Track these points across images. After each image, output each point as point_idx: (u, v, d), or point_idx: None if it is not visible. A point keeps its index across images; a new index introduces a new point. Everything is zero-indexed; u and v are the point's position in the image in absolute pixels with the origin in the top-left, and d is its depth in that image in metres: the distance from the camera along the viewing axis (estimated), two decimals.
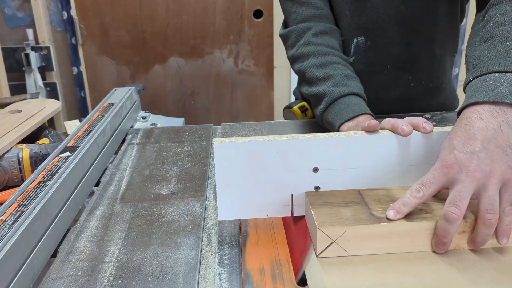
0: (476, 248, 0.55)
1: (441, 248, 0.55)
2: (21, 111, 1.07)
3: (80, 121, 1.14)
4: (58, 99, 2.27)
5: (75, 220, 0.72)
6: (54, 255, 0.64)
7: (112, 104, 1.10)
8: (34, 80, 2.38)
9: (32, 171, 0.87)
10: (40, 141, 1.01)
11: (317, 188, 0.64)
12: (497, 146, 0.54)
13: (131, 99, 1.21)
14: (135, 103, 1.23)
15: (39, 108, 1.09)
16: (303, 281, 0.55)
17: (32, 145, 0.94)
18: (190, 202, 0.74)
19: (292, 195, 0.64)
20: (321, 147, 0.62)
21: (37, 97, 1.25)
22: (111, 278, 0.56)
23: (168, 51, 2.64)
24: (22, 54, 2.35)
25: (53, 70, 2.48)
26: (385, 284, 0.51)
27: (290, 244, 0.62)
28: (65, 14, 2.45)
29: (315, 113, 0.91)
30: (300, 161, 0.63)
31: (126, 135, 1.08)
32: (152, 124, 1.20)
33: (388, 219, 0.55)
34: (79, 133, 0.92)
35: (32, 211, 0.62)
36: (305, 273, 0.56)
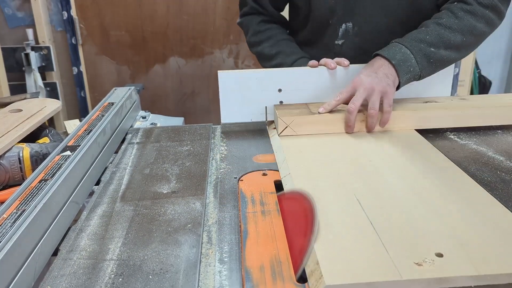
0: (369, 131, 0.97)
1: (349, 130, 0.96)
2: (22, 111, 1.07)
3: (80, 121, 1.14)
4: (58, 99, 2.27)
5: (76, 220, 0.73)
6: (55, 254, 0.64)
7: (112, 104, 1.10)
8: (34, 80, 2.38)
9: (33, 170, 0.87)
10: (41, 140, 1.02)
11: (281, 102, 1.07)
12: (383, 73, 0.94)
13: (131, 99, 1.21)
14: (135, 103, 1.23)
15: (39, 108, 1.09)
16: (303, 279, 0.56)
17: (33, 144, 0.94)
18: (190, 201, 0.75)
19: (266, 107, 1.07)
20: (283, 76, 1.05)
21: (37, 97, 1.25)
22: (112, 276, 0.57)
23: (168, 51, 2.64)
24: (22, 54, 2.35)
25: (53, 70, 2.48)
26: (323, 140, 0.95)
27: (290, 242, 0.62)
28: (65, 14, 2.45)
29: None
30: (270, 85, 1.05)
31: (126, 135, 1.08)
32: (152, 124, 1.20)
33: (319, 113, 0.98)
34: (80, 132, 0.93)
35: (33, 210, 0.62)
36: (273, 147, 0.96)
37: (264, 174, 0.84)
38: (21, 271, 0.56)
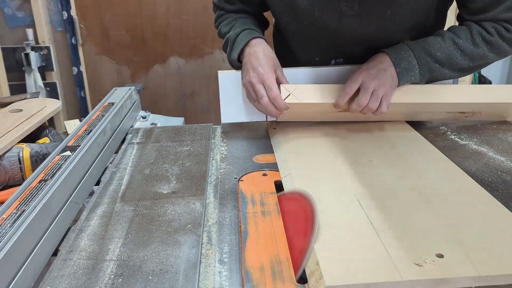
0: (362, 113, 0.96)
1: (352, 112, 0.96)
2: (22, 111, 1.07)
3: (80, 121, 1.14)
4: (58, 99, 2.28)
5: (76, 220, 0.73)
6: (55, 254, 0.64)
7: (112, 104, 1.10)
8: (34, 80, 2.38)
9: (33, 170, 0.87)
10: (41, 141, 1.02)
11: None
12: (391, 74, 0.95)
13: (131, 99, 1.21)
14: (135, 103, 1.23)
15: (40, 108, 1.09)
16: (303, 279, 0.56)
17: (33, 145, 0.94)
18: (190, 201, 0.75)
19: None
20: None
21: (37, 97, 1.25)
22: (112, 276, 0.57)
23: (168, 51, 2.64)
24: (22, 54, 2.35)
25: (53, 70, 2.48)
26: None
27: (290, 242, 0.62)
28: (65, 14, 2.45)
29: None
30: None
31: (126, 135, 1.08)
32: (152, 124, 1.20)
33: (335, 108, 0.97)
34: (80, 132, 0.92)
35: (33, 210, 0.62)
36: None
37: (264, 174, 0.84)
38: (21, 271, 0.56)
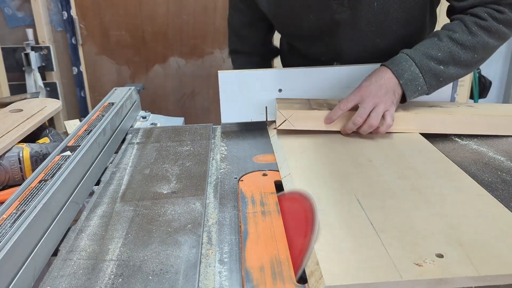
0: (362, 132, 0.95)
1: (348, 131, 0.96)
2: (22, 111, 1.07)
3: (80, 121, 1.14)
4: (58, 99, 2.28)
5: (76, 220, 0.73)
6: (55, 254, 0.64)
7: (112, 104, 1.10)
8: (34, 80, 2.38)
9: (33, 170, 0.87)
10: (41, 141, 1.02)
11: None
12: (392, 90, 0.93)
13: (131, 99, 1.21)
14: (135, 103, 1.23)
15: (40, 108, 1.09)
16: (303, 279, 0.56)
17: (33, 145, 0.94)
18: (190, 201, 0.75)
19: (266, 107, 1.07)
20: (283, 76, 1.06)
21: (37, 97, 1.25)
22: (112, 276, 0.57)
23: (168, 51, 2.64)
24: (22, 54, 2.35)
25: (53, 70, 2.48)
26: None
27: (290, 242, 0.62)
28: (65, 14, 2.45)
29: None
30: (270, 85, 1.05)
31: (126, 135, 1.08)
32: (152, 124, 1.20)
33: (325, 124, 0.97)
34: (80, 133, 0.92)
35: (33, 210, 0.62)
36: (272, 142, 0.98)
37: (264, 174, 0.84)
38: (21, 271, 0.56)
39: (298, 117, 0.97)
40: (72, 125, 1.31)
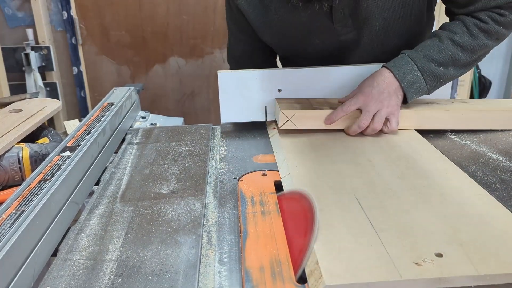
0: (368, 134, 0.96)
1: (352, 134, 0.96)
2: (22, 111, 1.07)
3: (80, 121, 1.14)
4: (58, 99, 2.28)
5: (75, 220, 0.73)
6: (55, 254, 0.64)
7: (112, 104, 1.10)
8: (34, 80, 2.39)
9: (32, 171, 0.87)
10: (40, 141, 1.02)
11: None
12: (394, 93, 0.94)
13: (131, 99, 1.21)
14: (135, 103, 1.23)
15: (40, 108, 1.09)
16: (303, 279, 0.56)
17: (32, 145, 0.94)
18: (190, 201, 0.75)
19: (266, 107, 1.07)
20: (283, 76, 1.05)
21: (37, 97, 1.25)
22: (112, 277, 0.57)
23: (168, 51, 2.64)
24: (22, 54, 2.35)
25: (53, 70, 2.49)
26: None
27: (290, 242, 0.62)
28: (65, 14, 2.45)
29: None
30: (270, 85, 1.05)
31: (126, 135, 1.08)
32: (152, 124, 1.20)
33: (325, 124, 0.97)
34: (79, 133, 0.92)
35: (33, 210, 0.62)
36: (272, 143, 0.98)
37: (264, 174, 0.84)
38: (21, 272, 0.56)
39: (301, 117, 0.97)
40: (72, 125, 1.31)
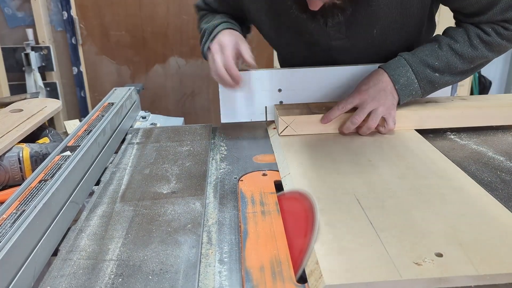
0: (363, 133, 0.97)
1: (345, 131, 0.96)
2: (22, 111, 1.08)
3: (80, 121, 1.14)
4: (58, 99, 2.28)
5: (76, 220, 0.73)
6: (55, 254, 0.64)
7: (112, 104, 1.10)
8: (34, 80, 2.39)
9: (33, 171, 0.87)
10: (41, 141, 1.02)
11: (281, 102, 1.07)
12: (390, 93, 0.95)
13: (131, 99, 1.21)
14: (135, 103, 1.23)
15: (40, 108, 1.10)
16: (303, 279, 0.56)
17: (33, 145, 0.94)
18: (190, 201, 0.75)
19: (266, 107, 1.07)
20: (283, 76, 1.06)
21: (37, 97, 1.25)
22: (112, 276, 0.57)
23: (168, 51, 2.64)
24: (22, 54, 2.35)
25: (53, 70, 2.49)
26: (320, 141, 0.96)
27: (290, 242, 0.62)
28: (65, 14, 2.45)
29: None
30: (270, 85, 1.05)
31: (126, 135, 1.08)
32: (152, 124, 1.20)
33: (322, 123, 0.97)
34: (80, 133, 0.93)
35: (33, 210, 0.62)
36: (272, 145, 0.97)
37: (264, 174, 0.84)
38: (21, 271, 0.56)
39: (300, 122, 0.97)
40: (72, 125, 1.31)
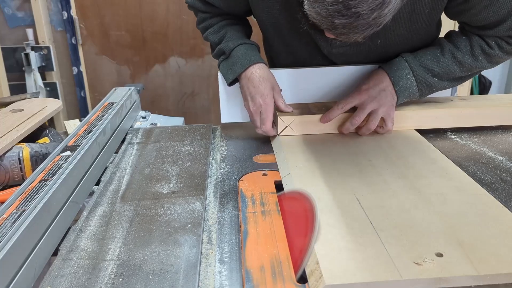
0: (361, 134, 0.97)
1: (345, 132, 0.97)
2: (23, 110, 1.08)
3: (80, 121, 1.14)
4: (58, 99, 2.27)
5: (76, 220, 0.73)
6: (55, 254, 0.64)
7: (112, 104, 1.10)
8: (34, 80, 2.38)
9: (33, 170, 0.87)
10: (41, 141, 1.02)
11: None
12: (390, 94, 0.94)
13: (131, 99, 1.21)
14: (135, 103, 1.23)
15: (40, 107, 1.10)
16: (303, 279, 0.56)
17: (33, 145, 0.94)
18: (190, 201, 0.75)
19: None
20: (283, 76, 1.06)
21: (37, 97, 1.25)
22: (112, 276, 0.57)
23: (168, 51, 2.64)
24: (22, 54, 2.35)
25: (53, 70, 2.48)
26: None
27: (290, 242, 0.62)
28: (65, 14, 2.45)
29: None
30: None
31: (126, 135, 1.08)
32: (152, 124, 1.20)
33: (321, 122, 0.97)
34: (80, 132, 0.92)
35: (33, 210, 0.62)
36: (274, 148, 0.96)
37: (264, 174, 0.84)
38: (21, 271, 0.56)
39: (299, 122, 0.97)
40: (72, 125, 1.31)
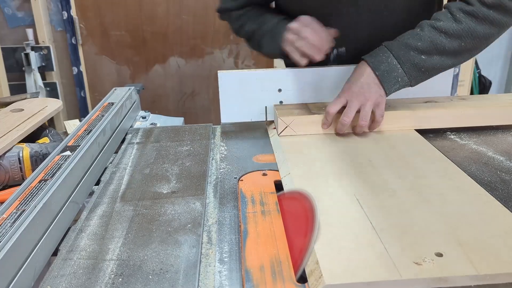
0: (357, 133, 0.97)
1: (340, 132, 0.96)
2: (23, 110, 1.08)
3: (80, 121, 1.14)
4: (58, 99, 2.27)
5: (76, 220, 0.73)
6: (55, 254, 0.64)
7: (112, 104, 1.10)
8: (34, 80, 2.39)
9: (33, 170, 0.87)
10: (41, 141, 1.02)
11: (281, 102, 1.07)
12: (374, 84, 0.92)
13: (131, 99, 1.21)
14: (135, 103, 1.23)
15: (41, 107, 1.10)
16: (303, 279, 0.56)
17: (33, 144, 0.94)
18: (190, 201, 0.75)
19: (266, 107, 1.06)
20: (283, 76, 1.05)
21: (37, 97, 1.25)
22: (112, 276, 0.57)
23: (168, 51, 2.64)
24: (22, 54, 2.35)
25: (53, 70, 2.49)
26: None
27: (290, 242, 0.62)
28: (65, 14, 2.45)
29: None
30: (270, 85, 1.05)
31: (126, 135, 1.08)
32: (152, 124, 1.20)
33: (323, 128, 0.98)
34: (80, 132, 0.93)
35: (33, 210, 0.62)
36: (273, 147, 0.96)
37: (264, 174, 0.84)
38: (21, 271, 0.56)
39: (299, 123, 0.97)
40: (72, 125, 1.31)
